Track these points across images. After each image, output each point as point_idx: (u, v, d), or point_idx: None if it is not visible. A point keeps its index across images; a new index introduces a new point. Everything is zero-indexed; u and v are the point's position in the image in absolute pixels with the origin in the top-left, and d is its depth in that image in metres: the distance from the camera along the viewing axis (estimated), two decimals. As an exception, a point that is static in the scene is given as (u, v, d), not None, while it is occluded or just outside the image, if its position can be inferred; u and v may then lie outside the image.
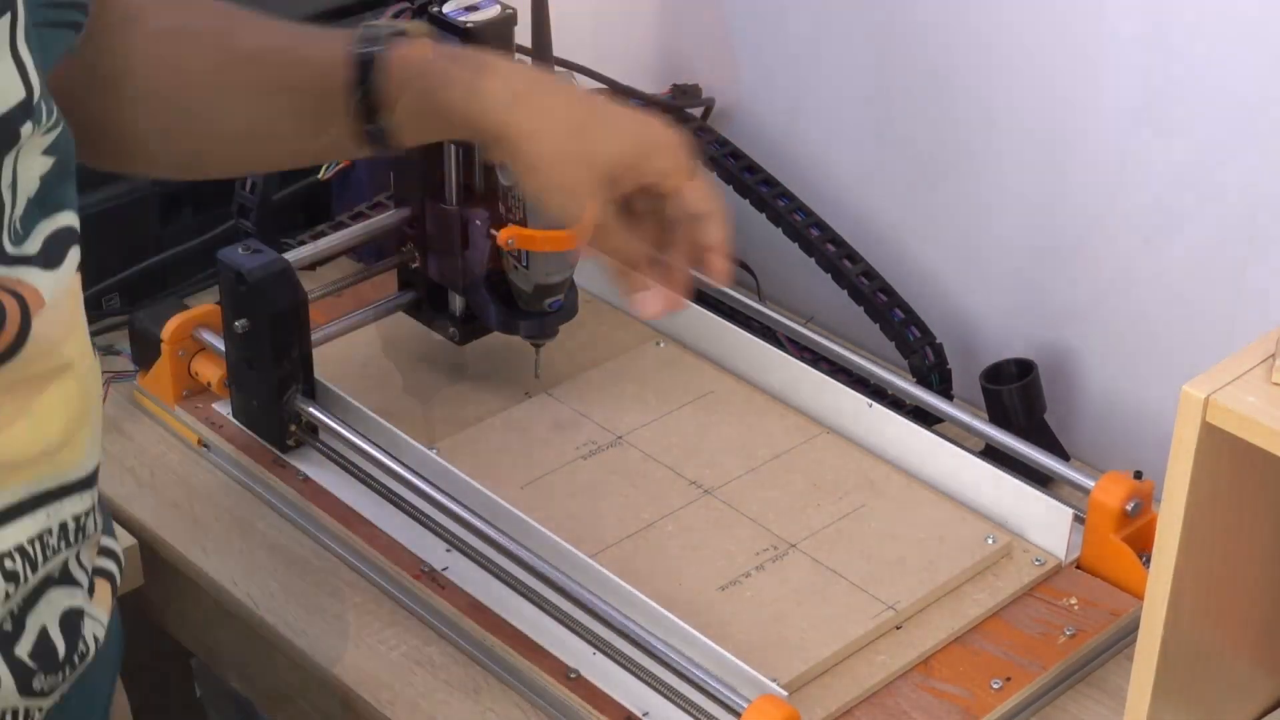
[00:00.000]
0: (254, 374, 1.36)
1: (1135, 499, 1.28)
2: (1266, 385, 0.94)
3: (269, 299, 1.33)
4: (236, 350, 1.37)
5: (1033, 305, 1.47)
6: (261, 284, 1.33)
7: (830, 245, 1.51)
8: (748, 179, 1.55)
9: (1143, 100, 1.33)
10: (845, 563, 1.29)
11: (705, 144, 1.52)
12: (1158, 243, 1.36)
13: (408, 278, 1.47)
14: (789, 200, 1.52)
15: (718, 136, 1.56)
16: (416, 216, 1.42)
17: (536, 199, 1.18)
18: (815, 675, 1.21)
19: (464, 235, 1.39)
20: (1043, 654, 1.23)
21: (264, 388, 1.36)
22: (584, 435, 1.41)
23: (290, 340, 1.35)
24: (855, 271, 1.49)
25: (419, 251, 1.43)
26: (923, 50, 1.47)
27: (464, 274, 1.41)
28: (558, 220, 1.15)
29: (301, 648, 1.27)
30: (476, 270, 1.40)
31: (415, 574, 1.29)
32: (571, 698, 1.19)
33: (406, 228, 1.43)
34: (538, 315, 1.39)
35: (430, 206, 1.40)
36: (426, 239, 1.42)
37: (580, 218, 1.09)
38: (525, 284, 1.37)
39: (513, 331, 1.41)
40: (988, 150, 1.45)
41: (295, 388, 1.36)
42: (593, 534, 1.31)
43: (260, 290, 1.33)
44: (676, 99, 1.54)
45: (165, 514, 1.38)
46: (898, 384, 1.41)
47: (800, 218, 1.52)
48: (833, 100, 1.55)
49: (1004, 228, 1.47)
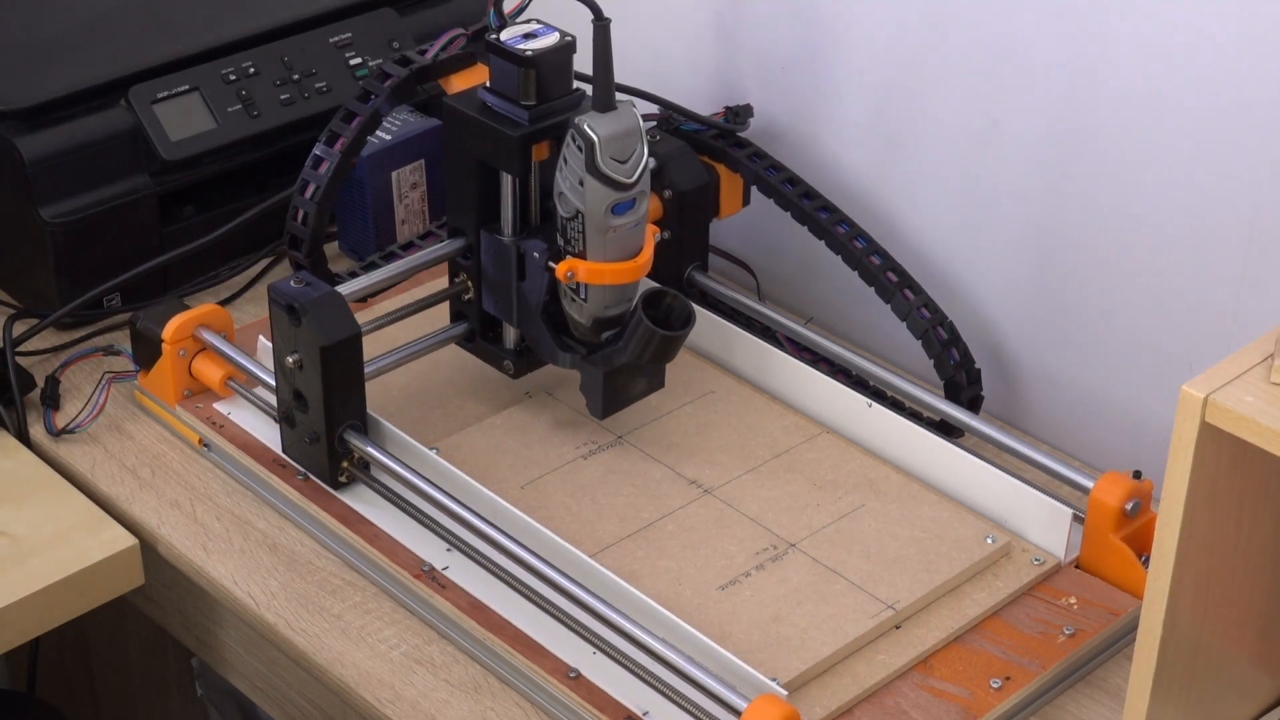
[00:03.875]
0: (305, 409, 1.33)
1: (1134, 499, 1.28)
2: (1265, 385, 0.94)
3: (322, 333, 1.29)
4: (288, 385, 1.33)
5: (1033, 305, 1.47)
6: (314, 318, 1.29)
7: (891, 274, 1.46)
8: (806, 205, 1.50)
9: (1143, 100, 1.33)
10: (845, 562, 1.29)
11: (760, 168, 1.50)
12: (1158, 242, 1.36)
13: (460, 309, 1.44)
14: (849, 226, 1.48)
15: (773, 162, 1.52)
16: (471, 247, 1.39)
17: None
18: (815, 675, 1.21)
19: (520, 267, 1.36)
20: (1042, 653, 1.24)
21: (315, 424, 1.33)
22: (584, 435, 1.41)
23: (343, 375, 1.32)
24: (918, 303, 1.44)
25: (473, 283, 1.41)
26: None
27: (519, 306, 1.38)
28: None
29: (301, 648, 1.27)
30: (533, 303, 1.37)
31: (415, 574, 1.29)
32: (571, 697, 1.19)
33: (460, 259, 1.41)
34: (594, 347, 1.36)
35: (485, 237, 1.38)
36: (481, 270, 1.39)
37: (641, 249, 1.07)
38: (583, 316, 1.33)
39: (570, 366, 1.37)
40: (988, 150, 1.45)
41: (348, 423, 1.33)
42: (593, 534, 1.31)
43: (313, 324, 1.29)
44: (729, 121, 1.53)
45: (165, 514, 1.38)
46: (914, 392, 1.42)
47: (861, 245, 1.47)
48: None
49: (1004, 228, 1.47)
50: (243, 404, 1.43)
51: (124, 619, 1.87)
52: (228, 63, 1.61)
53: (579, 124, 1.26)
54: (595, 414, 1.37)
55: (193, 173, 1.58)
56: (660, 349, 1.33)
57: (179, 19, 1.64)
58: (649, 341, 1.32)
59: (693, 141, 1.51)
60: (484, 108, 1.34)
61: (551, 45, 1.31)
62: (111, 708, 2.01)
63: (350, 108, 1.44)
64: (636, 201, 1.29)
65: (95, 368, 1.50)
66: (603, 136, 1.26)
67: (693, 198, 1.49)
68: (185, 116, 1.57)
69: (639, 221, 1.30)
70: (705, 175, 1.50)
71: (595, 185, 1.27)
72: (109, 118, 1.55)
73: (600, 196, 1.27)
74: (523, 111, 1.31)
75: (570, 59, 1.33)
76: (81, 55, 1.58)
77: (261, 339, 1.47)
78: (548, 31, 1.32)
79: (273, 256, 1.65)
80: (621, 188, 1.27)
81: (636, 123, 1.28)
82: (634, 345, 1.32)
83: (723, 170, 1.52)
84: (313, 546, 1.35)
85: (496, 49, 1.31)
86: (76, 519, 1.36)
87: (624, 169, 1.27)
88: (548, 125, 1.32)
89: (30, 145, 1.51)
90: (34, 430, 1.45)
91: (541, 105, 1.32)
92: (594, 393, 1.36)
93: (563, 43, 1.31)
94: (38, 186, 1.51)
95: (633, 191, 1.28)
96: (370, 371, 1.36)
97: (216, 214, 1.60)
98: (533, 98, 1.31)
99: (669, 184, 1.47)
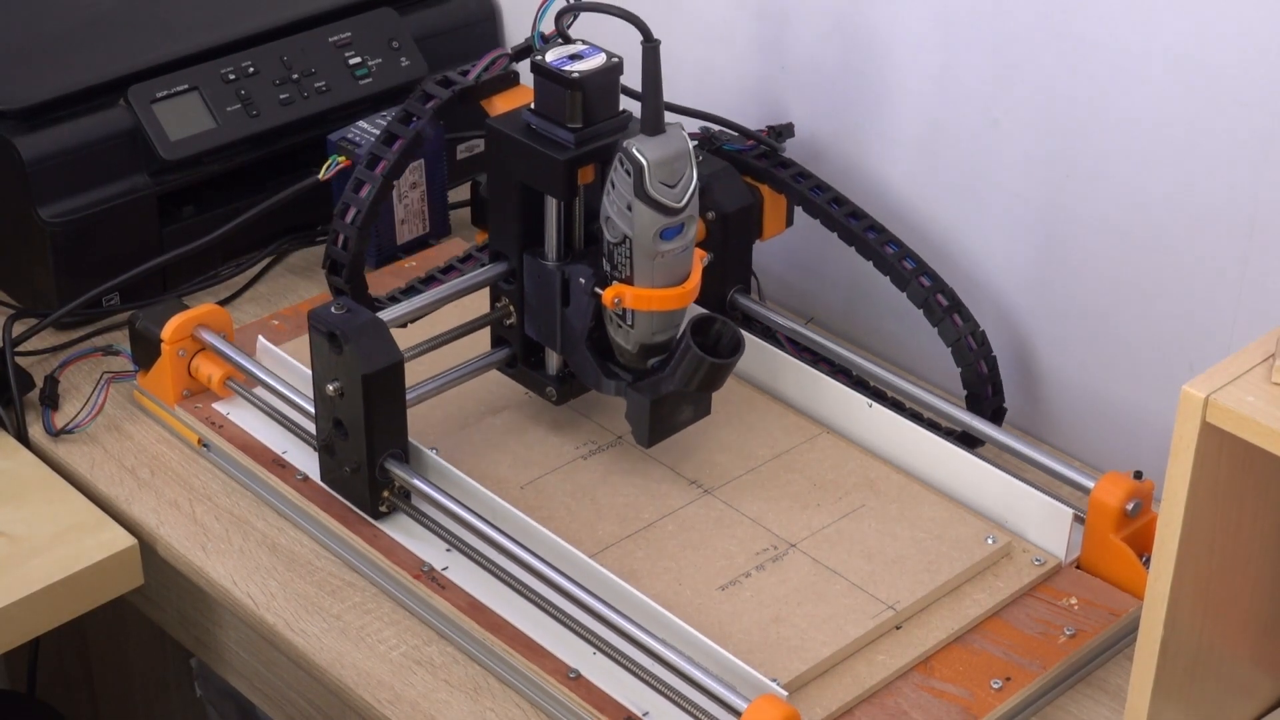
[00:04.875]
0: (346, 438, 1.30)
1: (1135, 499, 1.28)
2: (1266, 385, 0.94)
3: (364, 360, 1.26)
4: (327, 413, 1.31)
5: (1033, 304, 1.47)
6: (356, 345, 1.26)
7: (938, 297, 1.44)
8: (845, 218, 1.47)
9: (1144, 100, 1.33)
10: (845, 563, 1.29)
11: (806, 188, 1.47)
12: (1158, 242, 1.36)
13: (502, 334, 1.41)
14: (898, 246, 1.45)
15: (818, 181, 1.50)
16: (513, 271, 1.36)
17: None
18: (815, 675, 1.21)
19: (565, 292, 1.33)
20: (1043, 654, 1.23)
21: (356, 453, 1.30)
22: (584, 435, 1.41)
23: (385, 403, 1.28)
24: (966, 330, 1.42)
25: (515, 307, 1.38)
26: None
27: (563, 332, 1.35)
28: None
29: (301, 648, 1.27)
30: (578, 328, 1.33)
31: (415, 574, 1.29)
32: (571, 698, 1.19)
33: (502, 283, 1.37)
34: (640, 374, 1.33)
35: (529, 262, 1.35)
36: (524, 295, 1.36)
37: (689, 274, 1.05)
38: (629, 343, 1.30)
39: (615, 393, 1.34)
40: (986, 150, 1.45)
41: (389, 452, 1.31)
42: (593, 534, 1.31)
43: (355, 352, 1.26)
44: (772, 138, 1.51)
45: (165, 514, 1.38)
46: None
47: (892, 250, 1.45)
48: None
49: (1003, 228, 1.47)
50: (242, 404, 1.43)
51: (123, 619, 1.87)
52: (227, 62, 1.60)
53: (628, 148, 1.23)
54: (641, 442, 1.34)
55: (192, 172, 1.58)
56: (709, 376, 1.30)
57: (178, 19, 1.64)
58: (697, 369, 1.29)
59: (735, 161, 1.48)
60: (529, 130, 1.30)
61: (598, 67, 1.28)
62: (111, 708, 2.01)
63: (392, 130, 1.40)
64: (685, 226, 1.26)
65: (94, 368, 1.50)
66: (652, 161, 1.23)
67: (736, 219, 1.45)
68: (184, 116, 1.57)
69: (687, 246, 1.27)
70: (749, 196, 1.46)
71: (644, 210, 1.24)
72: (108, 117, 1.55)
73: (649, 221, 1.24)
74: (569, 134, 1.28)
75: (617, 80, 1.30)
76: (81, 55, 1.58)
77: (261, 339, 1.47)
78: (594, 52, 1.29)
79: (273, 256, 1.65)
80: (670, 212, 1.24)
81: (686, 146, 1.25)
82: (682, 372, 1.29)
83: (766, 190, 1.48)
84: (312, 547, 1.35)
85: (542, 70, 1.28)
86: (76, 519, 1.36)
87: (673, 193, 1.24)
88: (594, 148, 1.29)
89: (30, 145, 1.51)
90: (33, 430, 1.45)
91: (588, 128, 1.28)
92: (640, 421, 1.33)
93: (609, 64, 1.28)
94: (37, 186, 1.51)
95: (681, 216, 1.25)
96: (411, 399, 1.33)
97: (216, 214, 1.60)
98: (579, 120, 1.28)
99: (712, 205, 1.43)
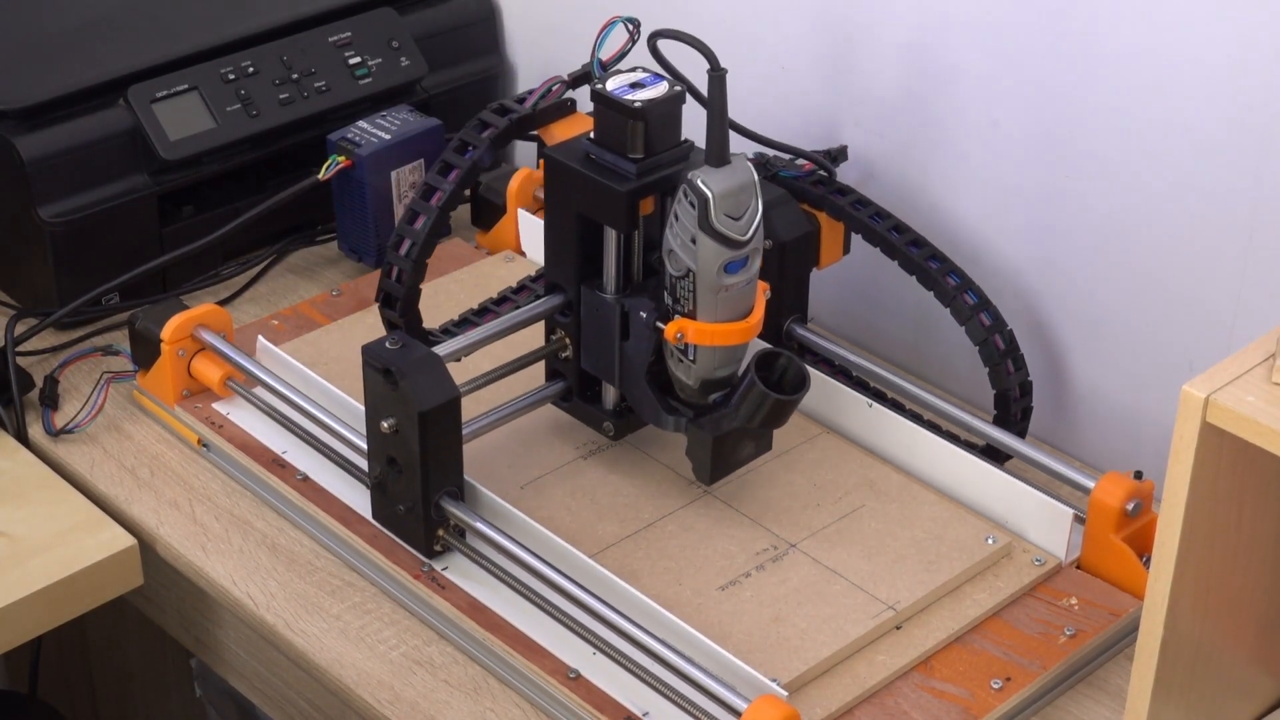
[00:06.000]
0: (400, 476, 1.27)
1: (1135, 499, 1.27)
2: (1266, 385, 0.94)
3: (420, 397, 1.23)
4: (381, 450, 1.27)
5: (1033, 304, 1.47)
6: (412, 382, 1.23)
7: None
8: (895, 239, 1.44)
9: (1144, 101, 1.33)
10: (845, 563, 1.29)
11: (865, 215, 1.43)
12: (1158, 242, 1.36)
13: (557, 367, 1.37)
14: (960, 278, 1.40)
15: (877, 209, 1.48)
16: (570, 304, 1.33)
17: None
18: (815, 675, 1.21)
19: (624, 326, 1.30)
20: (1043, 654, 1.23)
21: (411, 491, 1.27)
22: (584, 435, 1.41)
23: (440, 439, 1.25)
24: (1017, 378, 1.39)
25: (571, 340, 1.34)
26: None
27: (622, 366, 1.31)
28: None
29: (301, 648, 1.27)
30: (637, 363, 1.30)
31: (415, 574, 1.29)
32: (571, 698, 1.19)
33: (559, 315, 1.34)
34: (700, 410, 1.29)
35: (586, 294, 1.31)
36: (580, 327, 1.33)
37: (752, 309, 1.02)
38: (690, 378, 1.27)
39: (676, 429, 1.30)
40: (986, 150, 1.45)
41: (445, 490, 1.27)
42: (593, 534, 1.31)
43: (411, 388, 1.23)
44: (827, 160, 1.49)
45: (164, 514, 1.38)
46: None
47: (973, 301, 1.40)
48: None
49: (1003, 228, 1.47)
50: (242, 404, 1.43)
51: (124, 619, 1.87)
52: (227, 62, 1.60)
53: (692, 179, 1.20)
54: (703, 479, 1.31)
55: (192, 172, 1.58)
56: (773, 413, 1.26)
57: (178, 19, 1.64)
58: (761, 405, 1.25)
59: (791, 188, 1.44)
60: (588, 160, 1.27)
61: (661, 96, 1.24)
62: (111, 708, 2.01)
63: (448, 159, 1.36)
64: (750, 259, 1.22)
65: (94, 368, 1.50)
66: (717, 193, 1.19)
67: (794, 248, 1.41)
68: (184, 116, 1.57)
69: (751, 279, 1.24)
70: (807, 224, 1.42)
71: (708, 243, 1.20)
72: (108, 117, 1.55)
73: (713, 255, 1.21)
74: (630, 165, 1.25)
75: (679, 110, 1.26)
76: (80, 55, 1.58)
77: (261, 339, 1.47)
78: (655, 81, 1.25)
79: (273, 256, 1.65)
80: (736, 245, 1.21)
81: (751, 177, 1.21)
82: (745, 408, 1.26)
83: (823, 218, 1.44)
84: (312, 547, 1.35)
85: (603, 99, 1.24)
86: (75, 519, 1.36)
87: (738, 226, 1.20)
88: (656, 179, 1.26)
89: (29, 145, 1.51)
90: (33, 430, 1.45)
91: (649, 158, 1.25)
92: (702, 458, 1.29)
93: (672, 93, 1.25)
94: (37, 186, 1.51)
95: (747, 249, 1.21)
96: (466, 434, 1.29)
97: (216, 214, 1.60)
98: (640, 150, 1.25)
99: (770, 234, 1.38)
